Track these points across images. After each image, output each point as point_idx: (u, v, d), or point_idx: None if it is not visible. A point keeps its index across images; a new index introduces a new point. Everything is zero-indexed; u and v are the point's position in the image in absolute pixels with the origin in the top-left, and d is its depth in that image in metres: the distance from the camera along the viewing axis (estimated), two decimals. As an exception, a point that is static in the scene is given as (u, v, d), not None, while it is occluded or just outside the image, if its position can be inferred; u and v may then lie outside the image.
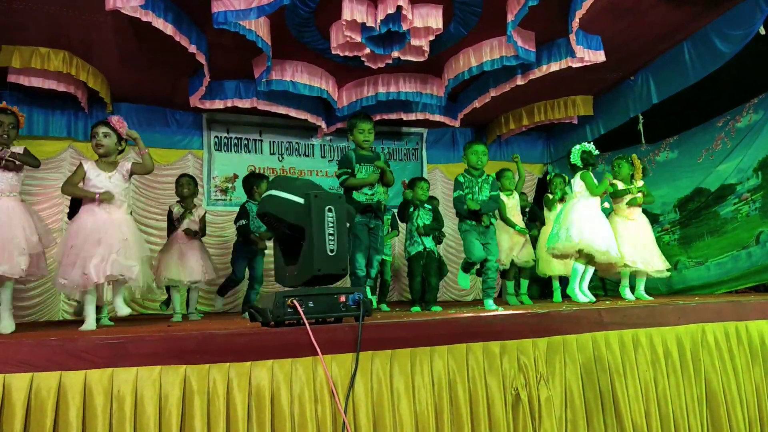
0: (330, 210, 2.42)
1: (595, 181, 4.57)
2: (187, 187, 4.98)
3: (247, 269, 5.23)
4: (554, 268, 5.33)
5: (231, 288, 5.47)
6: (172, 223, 4.89)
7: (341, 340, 2.19)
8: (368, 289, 4.21)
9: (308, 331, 2.09)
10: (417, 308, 4.69)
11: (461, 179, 4.39)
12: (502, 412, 2.34)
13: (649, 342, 2.72)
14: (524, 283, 5.48)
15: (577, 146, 4.67)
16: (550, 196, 5.61)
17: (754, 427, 2.82)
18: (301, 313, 2.18)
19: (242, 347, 2.08)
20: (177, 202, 5.00)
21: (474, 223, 4.29)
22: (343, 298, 2.34)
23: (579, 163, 4.62)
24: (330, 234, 2.41)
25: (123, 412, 1.87)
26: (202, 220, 4.98)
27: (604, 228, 4.44)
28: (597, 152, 4.66)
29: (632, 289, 4.78)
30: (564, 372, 2.51)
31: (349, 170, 4.04)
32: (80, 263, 3.09)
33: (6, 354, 1.86)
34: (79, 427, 1.83)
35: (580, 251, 4.39)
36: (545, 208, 5.71)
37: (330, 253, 2.40)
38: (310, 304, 2.26)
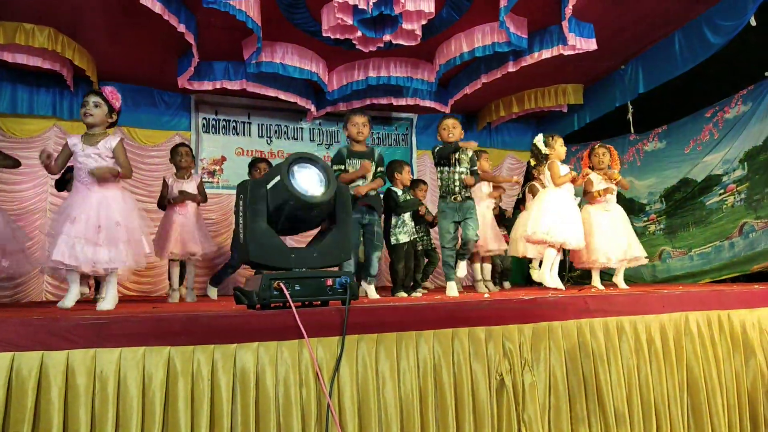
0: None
1: (561, 170, 4.41)
2: (185, 157, 4.71)
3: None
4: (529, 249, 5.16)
5: (228, 276, 5.22)
6: (164, 198, 4.64)
7: (327, 324, 2.18)
8: (372, 287, 4.13)
9: (294, 314, 2.08)
10: (402, 293, 4.66)
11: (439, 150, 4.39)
12: (487, 397, 2.35)
13: (633, 329, 2.75)
14: (487, 268, 5.45)
15: (538, 138, 4.53)
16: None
17: (733, 414, 2.87)
18: (288, 296, 2.17)
19: (227, 329, 2.07)
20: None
21: (451, 201, 4.28)
22: (330, 282, 2.33)
23: (546, 152, 4.46)
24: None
25: (106, 393, 1.85)
26: (200, 187, 4.72)
27: (573, 218, 4.33)
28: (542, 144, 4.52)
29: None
30: (548, 358, 2.53)
31: (342, 166, 4.07)
32: (51, 242, 2.91)
33: (-13, 333, 1.83)
34: (61, 407, 1.81)
35: (549, 240, 4.33)
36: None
37: None
38: (297, 287, 2.25)
